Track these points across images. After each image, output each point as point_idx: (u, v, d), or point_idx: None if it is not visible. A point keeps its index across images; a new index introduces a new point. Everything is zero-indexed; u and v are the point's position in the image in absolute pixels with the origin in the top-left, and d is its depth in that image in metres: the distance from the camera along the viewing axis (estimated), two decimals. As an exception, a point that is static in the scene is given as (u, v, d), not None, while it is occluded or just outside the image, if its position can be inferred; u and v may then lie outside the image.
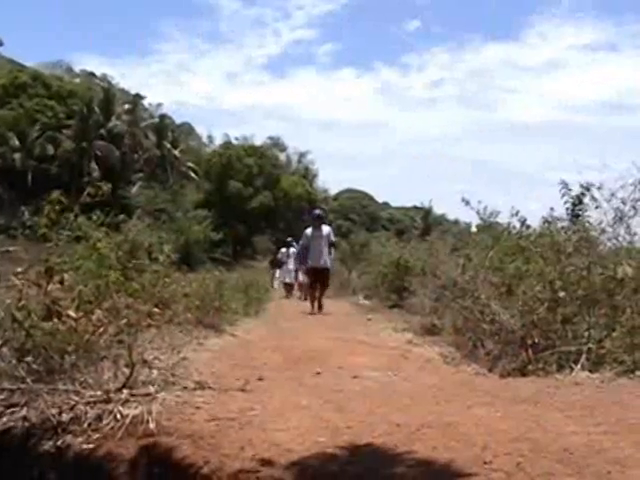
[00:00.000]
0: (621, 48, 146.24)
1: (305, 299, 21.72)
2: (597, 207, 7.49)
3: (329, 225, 17.76)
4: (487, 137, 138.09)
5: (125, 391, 4.44)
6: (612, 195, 7.12)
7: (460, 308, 7.89)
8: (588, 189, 8.43)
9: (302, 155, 75.61)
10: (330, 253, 16.02)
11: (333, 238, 16.41)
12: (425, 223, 74.52)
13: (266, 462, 3.34)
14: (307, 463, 3.31)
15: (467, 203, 10.49)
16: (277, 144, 74.43)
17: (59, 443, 3.86)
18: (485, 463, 3.10)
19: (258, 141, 70.32)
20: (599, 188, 7.53)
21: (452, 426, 3.78)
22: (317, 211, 17.56)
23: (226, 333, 9.62)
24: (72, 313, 4.80)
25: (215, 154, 66.91)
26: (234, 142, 68.48)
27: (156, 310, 5.55)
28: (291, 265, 26.68)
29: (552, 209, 8.87)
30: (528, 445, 3.32)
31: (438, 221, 77.98)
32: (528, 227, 9.12)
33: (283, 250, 29.38)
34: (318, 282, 15.74)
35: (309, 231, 16.14)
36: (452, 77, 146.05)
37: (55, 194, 6.92)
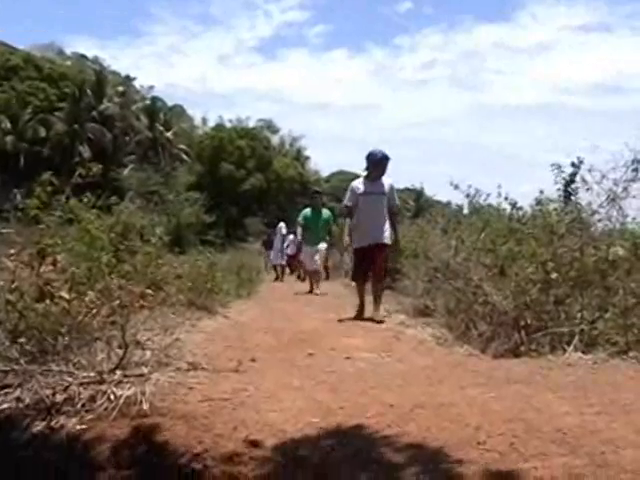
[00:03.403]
0: (615, 29, 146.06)
1: (303, 279, 20.10)
2: (588, 189, 7.51)
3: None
4: (479, 119, 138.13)
5: (118, 372, 4.44)
6: (603, 177, 7.13)
7: (452, 290, 7.90)
8: (579, 167, 8.47)
9: (295, 139, 75.51)
10: (390, 224, 9.78)
11: (396, 200, 10.09)
12: (417, 205, 74.57)
13: (258, 443, 3.35)
14: (300, 444, 3.32)
15: (456, 187, 10.55)
16: (269, 126, 74.35)
17: (53, 424, 3.87)
18: (479, 443, 3.12)
19: (252, 123, 70.27)
20: (590, 170, 7.54)
21: (445, 407, 3.80)
22: (379, 151, 9.78)
23: (219, 315, 9.63)
24: (65, 294, 4.79)
25: (207, 136, 66.80)
26: (228, 125, 68.34)
27: (149, 292, 5.53)
28: (278, 244, 25.81)
29: (542, 192, 8.91)
30: (521, 425, 3.34)
31: (430, 203, 78.03)
32: (519, 209, 9.15)
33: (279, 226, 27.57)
34: (371, 268, 9.72)
35: (359, 184, 9.86)
36: (444, 59, 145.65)
37: (46, 175, 6.90)
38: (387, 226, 9.69)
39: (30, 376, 4.32)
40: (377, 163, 9.69)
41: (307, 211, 17.15)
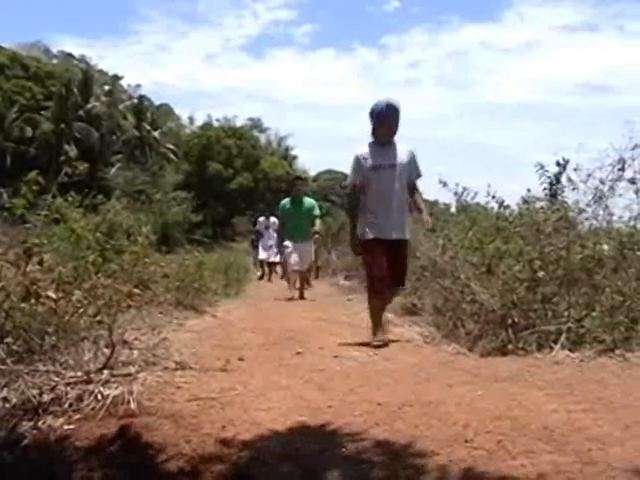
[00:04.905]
0: (601, 29, 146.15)
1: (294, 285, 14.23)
2: (574, 189, 7.55)
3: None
4: (466, 118, 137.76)
5: (106, 371, 4.43)
6: (589, 176, 7.18)
7: (440, 288, 7.91)
8: (565, 167, 8.51)
9: (282, 138, 75.44)
10: (409, 208, 7.35)
11: (419, 172, 7.30)
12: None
13: (247, 442, 3.35)
14: (288, 442, 3.32)
15: (445, 185, 10.49)
16: (257, 125, 74.29)
17: (40, 424, 3.85)
18: (466, 441, 3.12)
19: (240, 122, 70.15)
20: (575, 169, 7.59)
21: (433, 405, 3.80)
22: (386, 103, 7.02)
23: (206, 314, 9.63)
24: (52, 294, 4.77)
25: (194, 135, 66.75)
26: (215, 124, 68.21)
27: (136, 291, 5.52)
28: (271, 240, 22.14)
29: (529, 190, 8.93)
30: (509, 423, 3.35)
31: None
32: (506, 207, 9.17)
33: (261, 219, 24.44)
34: (390, 271, 6.87)
35: (365, 154, 7.07)
36: (431, 58, 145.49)
37: (32, 175, 6.88)
38: (406, 214, 7.23)
39: (17, 376, 4.30)
40: (383, 117, 7.02)
41: (286, 201, 14.18)
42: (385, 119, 7.01)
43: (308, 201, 14.08)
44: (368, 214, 7.05)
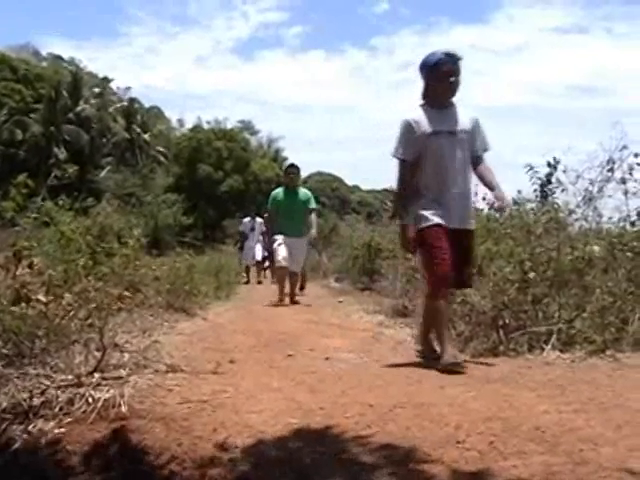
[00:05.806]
0: (591, 30, 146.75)
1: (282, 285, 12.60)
2: (563, 190, 7.59)
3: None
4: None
5: (96, 375, 4.41)
6: (578, 177, 7.21)
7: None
8: (555, 167, 8.53)
9: (272, 140, 75.40)
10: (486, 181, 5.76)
11: (487, 143, 5.81)
12: (395, 206, 74.62)
13: (238, 445, 3.34)
14: (279, 445, 3.31)
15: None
16: (248, 127, 74.26)
17: (30, 427, 3.83)
18: (458, 442, 3.12)
19: (230, 125, 70.06)
20: (564, 171, 7.62)
21: (425, 406, 3.80)
22: (444, 53, 5.63)
23: (197, 316, 9.61)
24: (42, 297, 4.76)
25: (184, 138, 66.64)
26: (205, 126, 68.13)
27: (127, 294, 5.51)
28: (254, 243, 22.12)
29: (519, 192, 8.96)
30: (500, 424, 3.35)
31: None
32: (496, 209, 9.19)
33: (246, 220, 23.22)
34: (456, 268, 5.31)
35: (420, 118, 5.58)
36: (421, 60, 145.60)
37: (21, 177, 6.86)
38: (471, 196, 5.87)
39: (7, 380, 4.28)
40: (441, 71, 5.57)
41: (279, 191, 12.54)
42: (443, 74, 5.57)
43: (303, 192, 12.60)
44: (424, 195, 5.53)
